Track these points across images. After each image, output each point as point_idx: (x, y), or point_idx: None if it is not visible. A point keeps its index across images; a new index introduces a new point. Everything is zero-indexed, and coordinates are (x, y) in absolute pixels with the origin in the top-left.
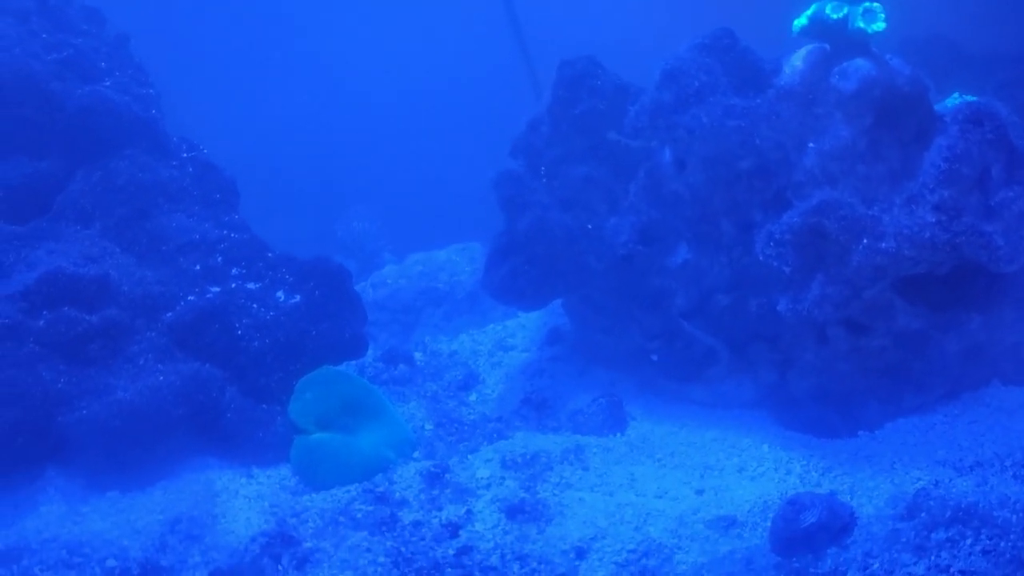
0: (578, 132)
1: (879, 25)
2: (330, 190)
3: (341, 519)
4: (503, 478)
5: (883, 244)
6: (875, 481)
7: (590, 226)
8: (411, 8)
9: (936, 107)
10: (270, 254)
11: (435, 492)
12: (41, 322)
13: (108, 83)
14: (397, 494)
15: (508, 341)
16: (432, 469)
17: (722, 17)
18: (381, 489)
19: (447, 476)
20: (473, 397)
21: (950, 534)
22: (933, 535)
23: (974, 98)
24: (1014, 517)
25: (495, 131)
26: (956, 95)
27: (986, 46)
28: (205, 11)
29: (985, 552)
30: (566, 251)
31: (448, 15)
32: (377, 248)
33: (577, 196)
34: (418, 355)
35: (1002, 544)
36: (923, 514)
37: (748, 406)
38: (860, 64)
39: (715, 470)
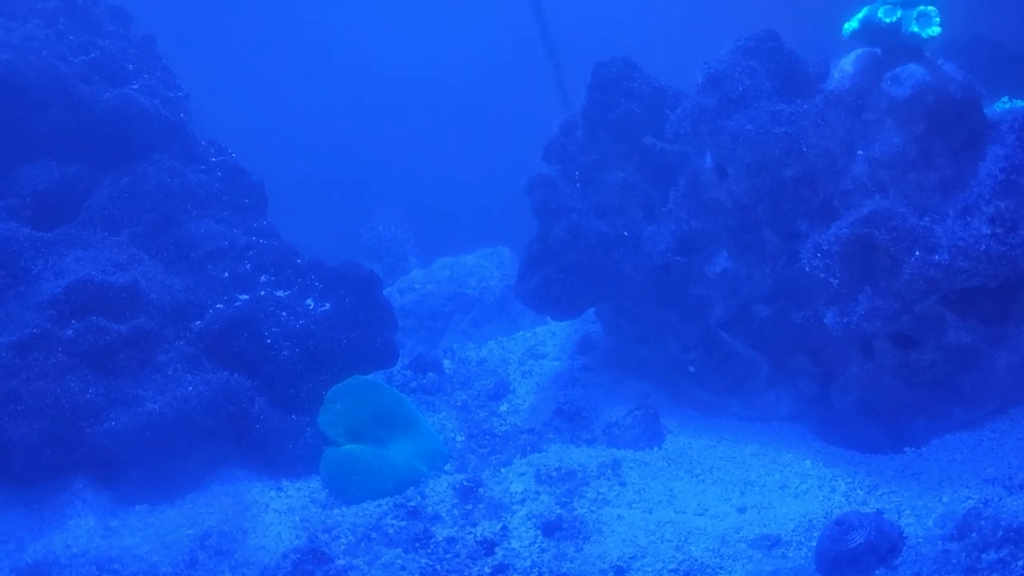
0: (614, 136)
1: (934, 30)
2: (354, 193)
3: (373, 535)
4: (538, 493)
5: (936, 256)
6: (923, 499)
7: (626, 233)
8: (437, 11)
9: (985, 111)
10: (299, 260)
11: (468, 507)
12: (70, 331)
13: (136, 86)
14: (430, 509)
15: (538, 349)
16: (465, 483)
17: (759, 17)
18: (413, 503)
19: (480, 490)
20: (504, 407)
21: (1002, 555)
22: (984, 556)
23: None
24: None
25: (520, 133)
26: (1005, 99)
27: None
28: (230, 15)
29: None
30: (602, 259)
31: (474, 17)
32: (403, 252)
33: (613, 202)
34: (447, 363)
35: None
36: (974, 534)
37: (787, 419)
38: (914, 70)
39: (756, 486)
